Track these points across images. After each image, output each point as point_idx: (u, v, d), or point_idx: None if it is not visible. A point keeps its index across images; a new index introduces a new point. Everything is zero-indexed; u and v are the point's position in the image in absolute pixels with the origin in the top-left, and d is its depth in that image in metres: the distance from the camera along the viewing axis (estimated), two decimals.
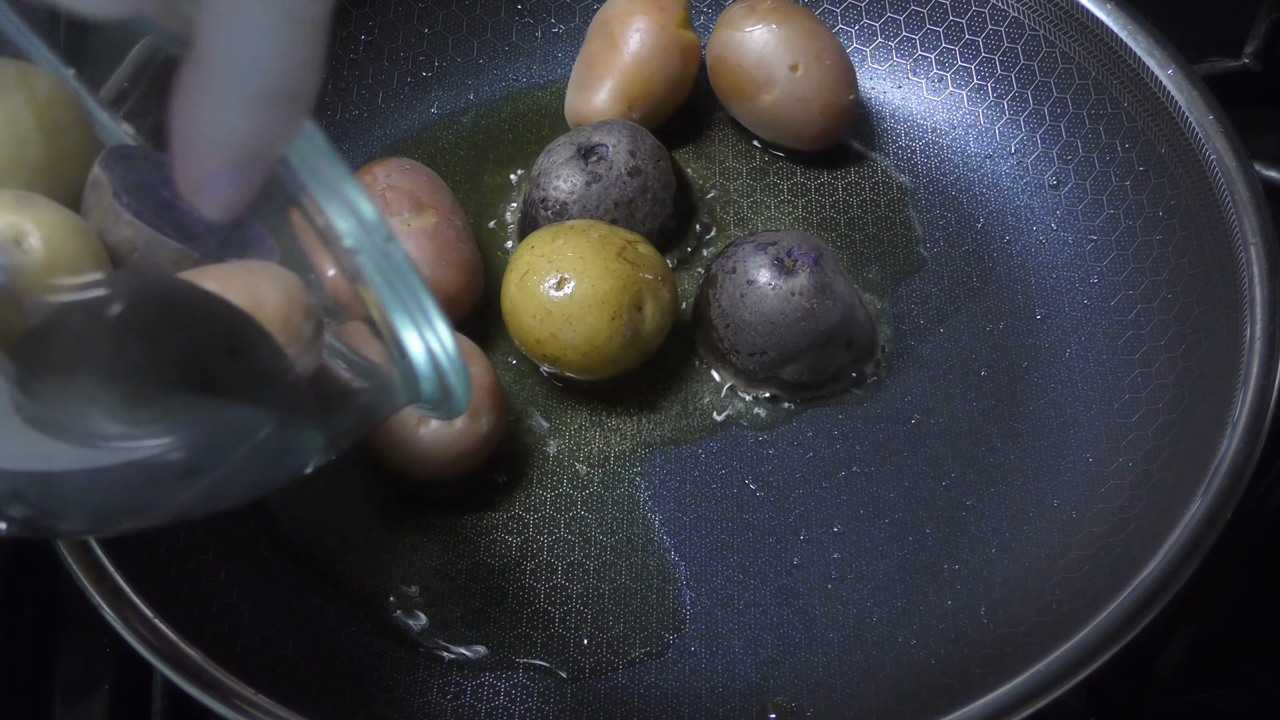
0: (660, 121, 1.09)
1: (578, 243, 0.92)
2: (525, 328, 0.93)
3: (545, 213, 0.99)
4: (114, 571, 0.82)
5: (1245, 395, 0.84)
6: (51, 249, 0.56)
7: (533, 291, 0.92)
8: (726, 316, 0.97)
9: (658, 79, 1.07)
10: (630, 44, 1.06)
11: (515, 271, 0.93)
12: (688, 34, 1.08)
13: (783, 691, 0.85)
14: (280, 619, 0.89)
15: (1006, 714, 0.74)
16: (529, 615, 0.90)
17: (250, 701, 0.77)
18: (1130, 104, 1.01)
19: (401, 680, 0.87)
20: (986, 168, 1.09)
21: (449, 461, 0.89)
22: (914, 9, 1.12)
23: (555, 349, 0.92)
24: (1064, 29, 1.05)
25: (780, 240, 0.97)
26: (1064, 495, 0.92)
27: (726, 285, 0.97)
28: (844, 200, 1.09)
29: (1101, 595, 0.79)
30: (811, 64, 1.03)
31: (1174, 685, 0.94)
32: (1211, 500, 0.80)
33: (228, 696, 0.78)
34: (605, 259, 0.92)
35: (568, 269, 0.91)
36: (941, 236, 1.06)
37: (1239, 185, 0.92)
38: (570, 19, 1.16)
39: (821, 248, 0.97)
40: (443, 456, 0.89)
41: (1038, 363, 0.98)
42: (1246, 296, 0.88)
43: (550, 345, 0.92)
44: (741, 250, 0.97)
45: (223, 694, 0.78)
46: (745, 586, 0.90)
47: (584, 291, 0.91)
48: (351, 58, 1.14)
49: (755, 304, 0.96)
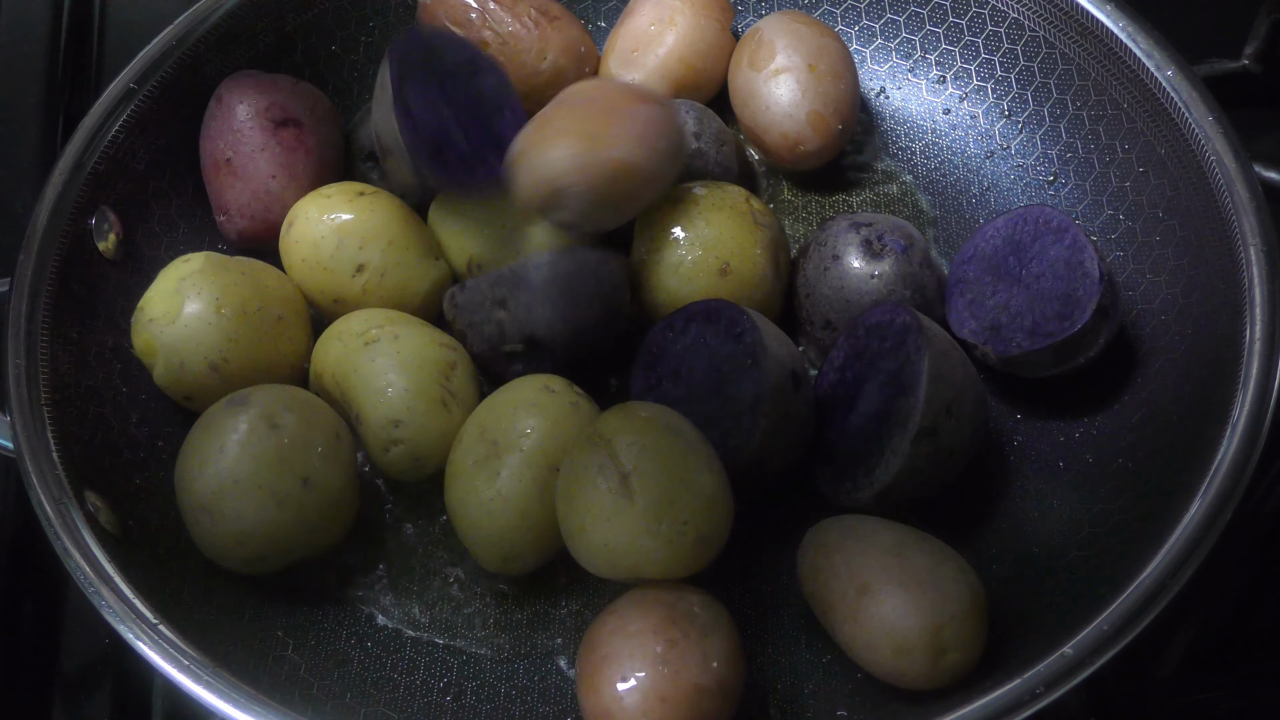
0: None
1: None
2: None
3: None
4: (114, 572, 0.82)
5: (1245, 395, 0.84)
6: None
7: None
8: (809, 286, 0.98)
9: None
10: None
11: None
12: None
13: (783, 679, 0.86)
14: (281, 619, 0.89)
15: (1007, 714, 0.74)
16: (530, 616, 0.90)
17: (250, 701, 0.77)
18: (1130, 105, 1.01)
19: (402, 680, 0.87)
20: (986, 168, 1.09)
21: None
22: (914, 10, 1.13)
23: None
24: (1064, 30, 1.05)
25: (876, 223, 0.97)
26: (1064, 495, 0.92)
27: (814, 256, 0.98)
28: (844, 200, 1.09)
29: (1101, 596, 0.79)
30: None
31: (1173, 686, 0.94)
32: (1211, 501, 0.80)
33: (228, 696, 0.78)
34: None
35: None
36: (942, 237, 1.07)
37: (1239, 186, 0.92)
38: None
39: (915, 239, 0.97)
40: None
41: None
42: (1246, 297, 0.88)
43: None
44: (836, 225, 0.98)
45: (223, 694, 0.78)
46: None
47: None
48: (352, 58, 1.14)
49: (835, 279, 0.96)
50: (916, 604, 0.78)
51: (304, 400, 0.90)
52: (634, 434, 0.81)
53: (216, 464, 0.85)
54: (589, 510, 0.80)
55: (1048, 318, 0.90)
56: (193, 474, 0.86)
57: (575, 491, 0.81)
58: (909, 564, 0.80)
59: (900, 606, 0.78)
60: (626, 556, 0.80)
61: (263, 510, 0.84)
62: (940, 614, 0.78)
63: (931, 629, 0.78)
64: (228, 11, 1.06)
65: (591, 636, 0.80)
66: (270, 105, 1.00)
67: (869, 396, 0.89)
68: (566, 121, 0.91)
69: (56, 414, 0.89)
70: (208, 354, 0.91)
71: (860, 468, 0.88)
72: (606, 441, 0.81)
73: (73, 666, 0.95)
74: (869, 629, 0.79)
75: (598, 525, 0.80)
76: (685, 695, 0.75)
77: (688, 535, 0.80)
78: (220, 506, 0.84)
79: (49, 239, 0.94)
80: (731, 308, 0.89)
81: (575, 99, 0.93)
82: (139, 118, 1.01)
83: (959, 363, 0.87)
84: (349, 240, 0.95)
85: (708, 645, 0.78)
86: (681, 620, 0.78)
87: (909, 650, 0.78)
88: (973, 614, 0.79)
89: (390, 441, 0.89)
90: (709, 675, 0.77)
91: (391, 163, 0.95)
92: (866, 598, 0.79)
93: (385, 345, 0.91)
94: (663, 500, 0.79)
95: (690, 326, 0.91)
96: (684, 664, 0.76)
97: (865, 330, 0.91)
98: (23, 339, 0.90)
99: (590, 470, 0.81)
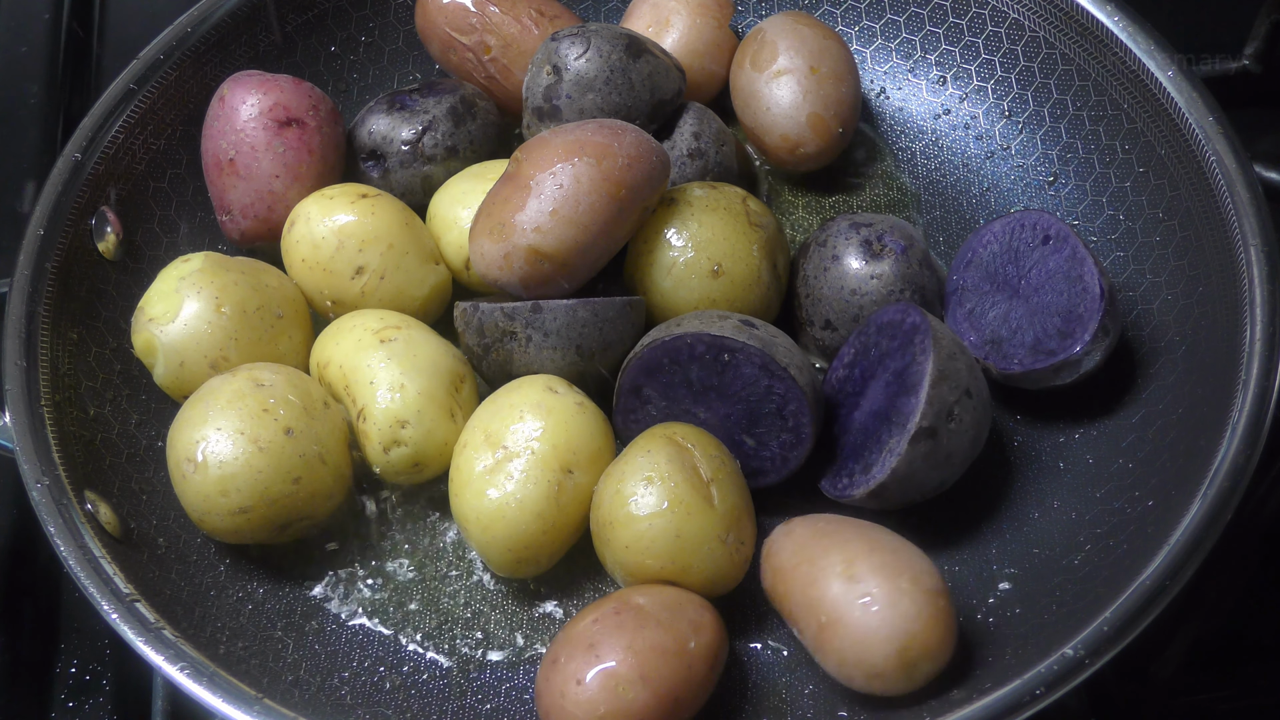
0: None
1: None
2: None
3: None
4: (114, 573, 0.82)
5: (1245, 396, 0.84)
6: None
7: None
8: (809, 285, 0.98)
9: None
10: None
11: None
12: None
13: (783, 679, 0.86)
14: (281, 619, 0.89)
15: (1007, 714, 0.74)
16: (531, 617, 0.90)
17: (250, 701, 0.77)
18: (1130, 105, 1.01)
19: (402, 681, 0.87)
20: (986, 168, 1.09)
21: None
22: (914, 11, 1.13)
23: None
24: (1064, 31, 1.05)
25: (876, 223, 0.97)
26: (1064, 495, 0.92)
27: (814, 256, 0.98)
28: (844, 201, 1.09)
29: (1101, 596, 0.79)
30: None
31: (1173, 686, 0.94)
32: (1211, 502, 0.80)
33: (228, 696, 0.78)
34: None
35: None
36: (942, 238, 1.07)
37: (1239, 187, 0.92)
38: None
39: (915, 239, 0.96)
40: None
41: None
42: (1246, 298, 0.88)
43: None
44: (836, 225, 0.98)
45: (223, 694, 0.78)
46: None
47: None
48: (352, 58, 1.14)
49: (835, 279, 0.96)
50: (878, 632, 0.77)
51: (293, 371, 0.91)
52: (711, 448, 0.86)
53: (202, 416, 0.86)
54: (673, 502, 0.82)
55: (1049, 334, 0.90)
56: (179, 430, 0.87)
57: (653, 484, 0.83)
58: (861, 587, 0.78)
59: (863, 638, 0.77)
60: (693, 554, 0.82)
61: (245, 456, 0.85)
62: (903, 634, 0.77)
63: (898, 651, 0.77)
64: (228, 11, 1.06)
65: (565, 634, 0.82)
66: (275, 105, 1.00)
67: (874, 394, 0.89)
68: (489, 208, 0.91)
69: (56, 414, 0.89)
70: (208, 354, 0.91)
71: (858, 464, 0.88)
72: (688, 450, 0.85)
73: (73, 666, 0.95)
74: (838, 659, 0.79)
75: (675, 516, 0.82)
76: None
77: (743, 553, 0.85)
78: (203, 453, 0.85)
79: (49, 239, 0.94)
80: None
81: (506, 174, 0.92)
82: (139, 118, 1.01)
83: (965, 367, 0.87)
84: (349, 242, 0.95)
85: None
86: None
87: (881, 674, 0.78)
88: (935, 620, 0.78)
89: (393, 442, 0.89)
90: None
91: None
92: (828, 631, 0.79)
93: (401, 346, 0.91)
94: (732, 513, 0.84)
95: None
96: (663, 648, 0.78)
97: (876, 328, 0.91)
98: (23, 339, 0.90)
99: (675, 465, 0.83)
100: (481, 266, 0.91)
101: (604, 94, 0.98)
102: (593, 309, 0.90)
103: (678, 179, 1.01)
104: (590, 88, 0.98)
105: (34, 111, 1.22)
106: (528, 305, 0.90)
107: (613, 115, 0.98)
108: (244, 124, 1.00)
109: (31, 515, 0.84)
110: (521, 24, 1.06)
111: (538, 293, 0.91)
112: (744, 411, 0.89)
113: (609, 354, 0.92)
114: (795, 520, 0.86)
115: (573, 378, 0.91)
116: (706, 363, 0.88)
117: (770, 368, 0.87)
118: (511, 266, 0.90)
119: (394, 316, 0.94)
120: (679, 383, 0.89)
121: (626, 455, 0.86)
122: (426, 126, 1.03)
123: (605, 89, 0.98)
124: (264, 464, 0.85)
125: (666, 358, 0.89)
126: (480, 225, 0.91)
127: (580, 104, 0.98)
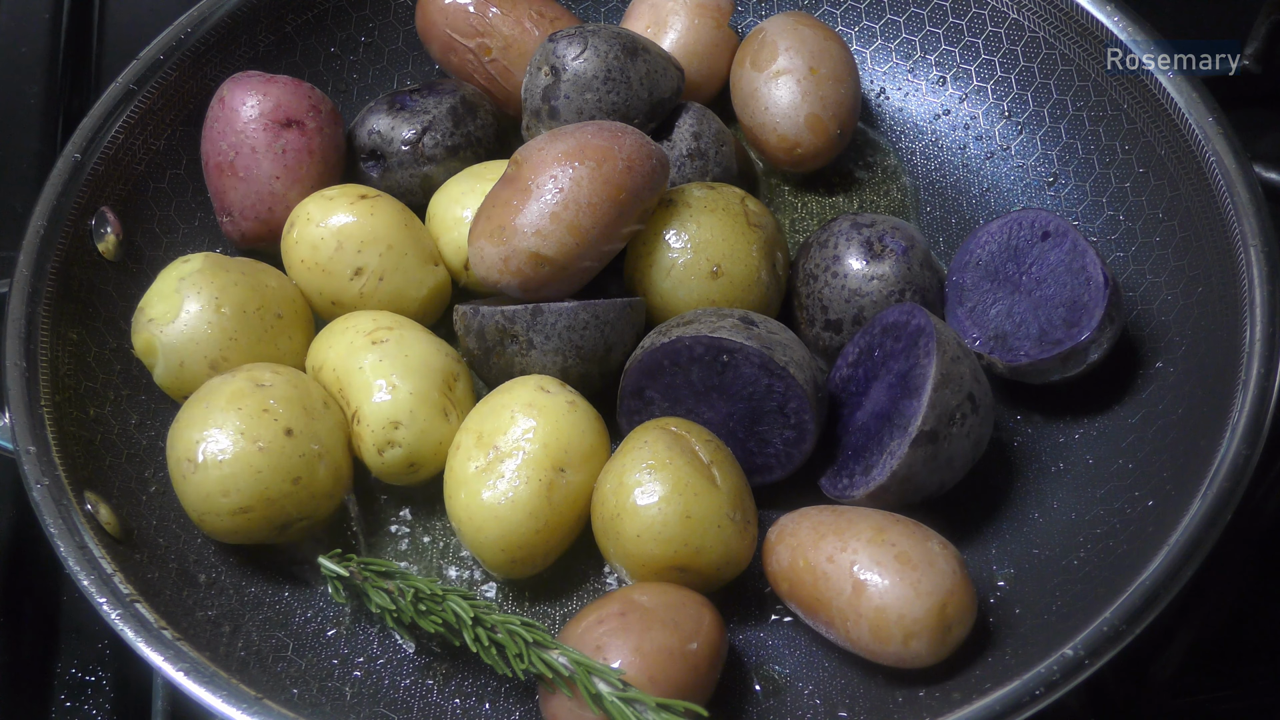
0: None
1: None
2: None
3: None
4: (114, 573, 0.82)
5: (1245, 396, 0.84)
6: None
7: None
8: (810, 285, 0.98)
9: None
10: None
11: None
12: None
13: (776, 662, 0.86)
14: (281, 620, 0.89)
15: (1007, 714, 0.74)
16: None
17: (250, 702, 0.77)
18: (1130, 105, 1.01)
19: (402, 681, 0.87)
20: (986, 168, 1.09)
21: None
22: (914, 11, 1.13)
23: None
24: (1064, 31, 1.05)
25: (877, 223, 0.97)
26: (1064, 496, 0.92)
27: (815, 256, 0.98)
28: (844, 201, 1.09)
29: (1101, 597, 0.79)
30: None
31: (1173, 686, 0.94)
32: (1211, 502, 0.80)
33: (228, 697, 0.78)
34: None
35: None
36: (942, 238, 1.07)
37: (1239, 187, 0.92)
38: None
39: (916, 240, 0.97)
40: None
41: None
42: (1246, 298, 0.88)
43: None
44: (837, 225, 0.98)
45: (223, 694, 0.78)
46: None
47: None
48: (351, 59, 1.14)
49: (836, 280, 0.96)
50: (919, 585, 0.79)
51: (292, 371, 0.91)
52: (705, 434, 0.87)
53: (201, 416, 0.86)
54: (679, 484, 0.83)
55: (1055, 325, 0.91)
56: (179, 430, 0.87)
57: (657, 471, 0.83)
58: (896, 547, 0.80)
59: (903, 593, 0.79)
60: (705, 534, 0.83)
61: (244, 455, 0.85)
62: (943, 590, 0.79)
63: (938, 606, 0.79)
64: (228, 11, 1.06)
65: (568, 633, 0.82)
66: (275, 106, 1.00)
67: (877, 395, 0.89)
68: (488, 210, 0.91)
69: (56, 414, 0.89)
70: (208, 354, 0.91)
71: (859, 465, 0.88)
72: (683, 436, 0.86)
73: (73, 667, 0.95)
74: (873, 621, 0.79)
75: (683, 498, 0.83)
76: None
77: (750, 532, 0.85)
78: (203, 452, 0.85)
79: (49, 239, 0.94)
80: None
81: (506, 176, 0.92)
82: (139, 118, 1.01)
83: (969, 371, 0.87)
84: (348, 243, 0.95)
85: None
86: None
87: (919, 633, 0.79)
88: (964, 585, 0.80)
89: (387, 443, 0.89)
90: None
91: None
92: (865, 591, 0.79)
93: (393, 347, 0.91)
94: (735, 492, 0.85)
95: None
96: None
97: (880, 329, 0.91)
98: (23, 339, 0.90)
99: (675, 451, 0.84)
100: (481, 269, 0.91)
101: (602, 93, 0.98)
102: (593, 311, 0.90)
103: (677, 179, 1.01)
104: (588, 87, 0.98)
105: (34, 111, 1.22)
106: (528, 309, 0.90)
107: (611, 114, 0.98)
108: (244, 125, 0.99)
109: (31, 515, 0.84)
110: (521, 25, 1.06)
111: (537, 295, 0.91)
112: (746, 410, 0.89)
113: (610, 356, 0.92)
114: (803, 509, 0.87)
115: (574, 380, 0.91)
116: (706, 364, 0.88)
117: (769, 367, 0.87)
118: (512, 270, 0.90)
119: (387, 318, 0.94)
120: (681, 384, 0.89)
121: (624, 449, 0.86)
122: (426, 127, 1.03)
123: (603, 88, 0.98)
124: (264, 464, 0.85)
125: (666, 360, 0.89)
126: (480, 228, 0.91)
127: (578, 104, 0.98)
